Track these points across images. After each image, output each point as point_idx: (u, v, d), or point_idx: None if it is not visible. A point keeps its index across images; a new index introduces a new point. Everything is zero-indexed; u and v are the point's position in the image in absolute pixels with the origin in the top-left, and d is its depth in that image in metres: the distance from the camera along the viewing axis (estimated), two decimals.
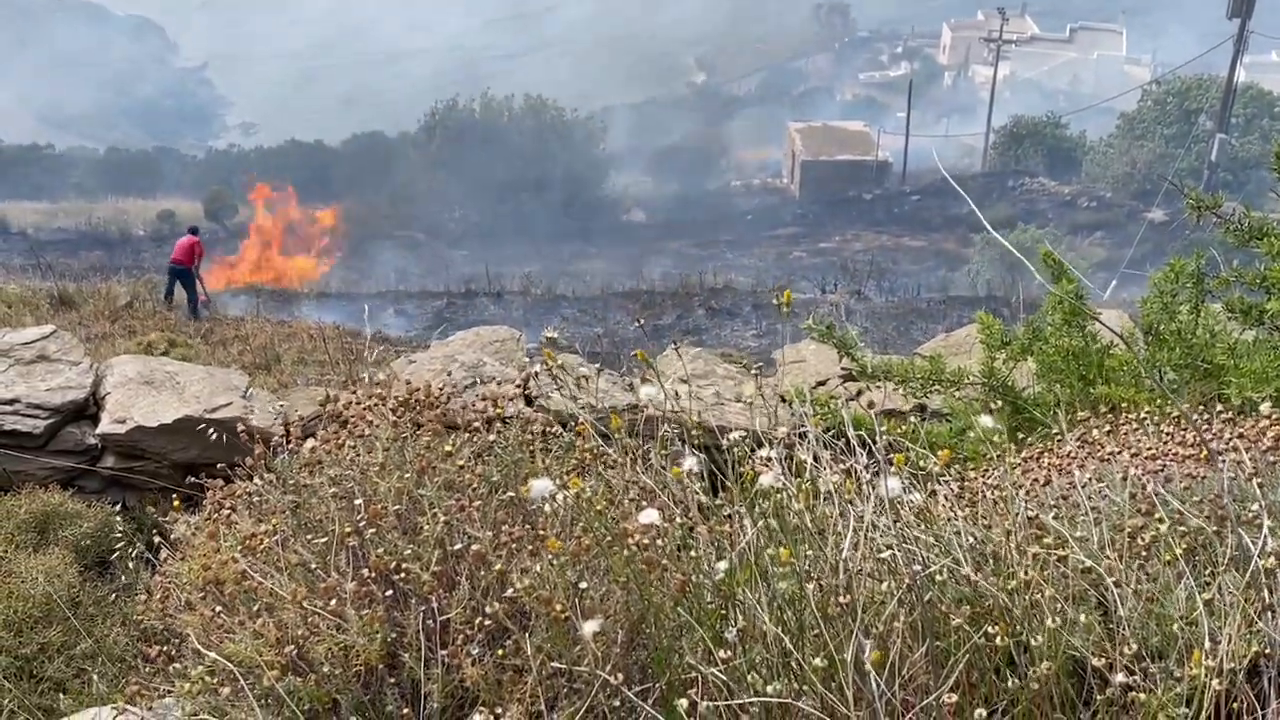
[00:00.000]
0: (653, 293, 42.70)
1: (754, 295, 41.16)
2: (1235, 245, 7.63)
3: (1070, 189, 67.39)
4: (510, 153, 63.21)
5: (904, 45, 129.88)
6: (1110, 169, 68.14)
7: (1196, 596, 3.13)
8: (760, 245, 62.66)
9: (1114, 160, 68.46)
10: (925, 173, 78.16)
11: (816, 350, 10.63)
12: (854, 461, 3.68)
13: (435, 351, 10.34)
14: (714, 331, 37.01)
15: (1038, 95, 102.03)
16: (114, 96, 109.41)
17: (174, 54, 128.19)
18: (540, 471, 3.68)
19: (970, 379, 7.94)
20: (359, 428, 4.03)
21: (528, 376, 4.54)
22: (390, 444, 3.82)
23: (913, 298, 42.92)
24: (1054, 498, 3.62)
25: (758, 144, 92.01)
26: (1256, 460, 3.58)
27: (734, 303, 40.34)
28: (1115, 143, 71.09)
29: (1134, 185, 63.39)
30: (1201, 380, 7.20)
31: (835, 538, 3.38)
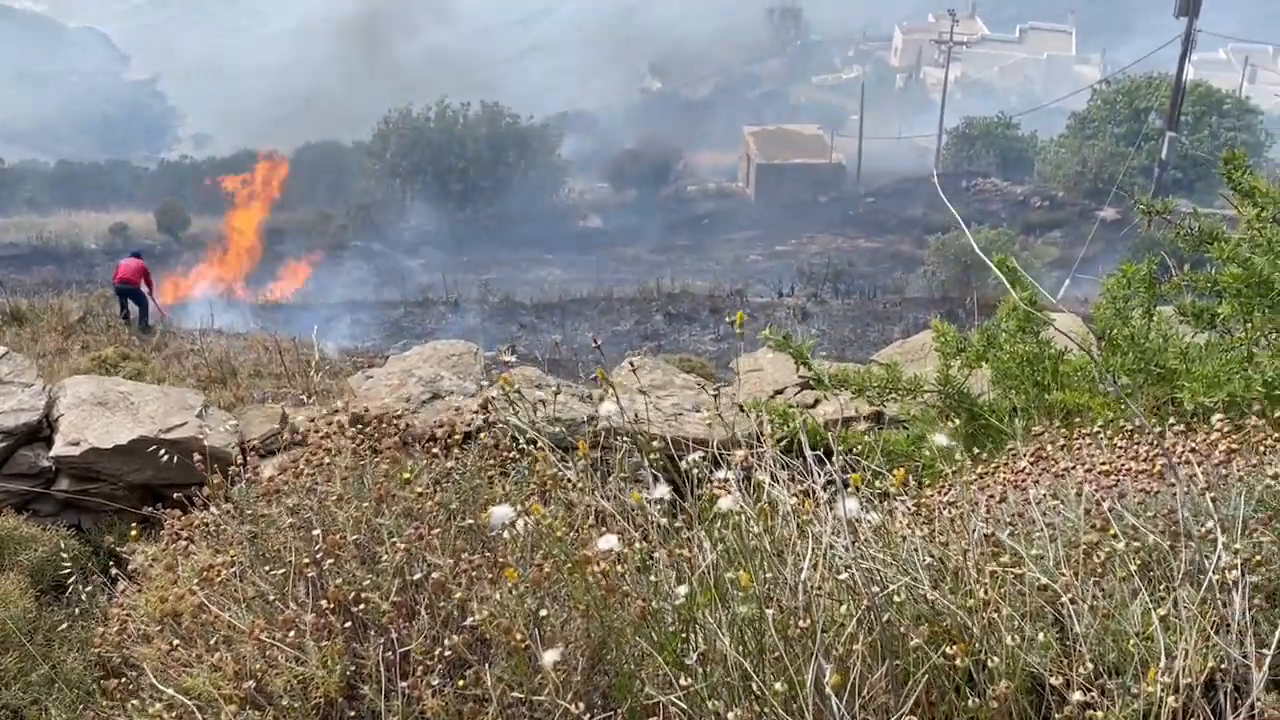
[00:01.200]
0: (611, 299, 42.68)
1: (712, 300, 41.20)
2: (1187, 250, 7.70)
3: (1023, 189, 67.83)
4: (466, 160, 63.04)
5: (856, 49, 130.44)
6: (1062, 168, 68.61)
7: (1152, 612, 3.15)
8: (717, 249, 62.74)
9: (1065, 160, 68.94)
10: (880, 174, 78.51)
11: (774, 358, 10.65)
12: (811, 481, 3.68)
13: (392, 366, 10.29)
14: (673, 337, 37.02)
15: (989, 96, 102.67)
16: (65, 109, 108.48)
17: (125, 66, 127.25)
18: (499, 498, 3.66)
19: (926, 387, 7.97)
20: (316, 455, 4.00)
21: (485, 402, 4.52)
22: (348, 473, 3.80)
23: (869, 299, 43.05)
24: (1010, 514, 3.64)
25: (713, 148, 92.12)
26: (1209, 473, 3.61)
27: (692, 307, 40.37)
28: (1066, 142, 71.59)
29: (1085, 184, 63.88)
30: (1155, 385, 7.25)
31: (794, 559, 3.38)
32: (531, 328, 39.29)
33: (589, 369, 24.88)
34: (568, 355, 33.27)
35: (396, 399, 9.35)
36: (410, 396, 9.41)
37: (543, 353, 33.12)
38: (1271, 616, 3.22)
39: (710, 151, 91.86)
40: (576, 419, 9.31)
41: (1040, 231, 59.80)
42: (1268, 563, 3.34)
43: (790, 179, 75.35)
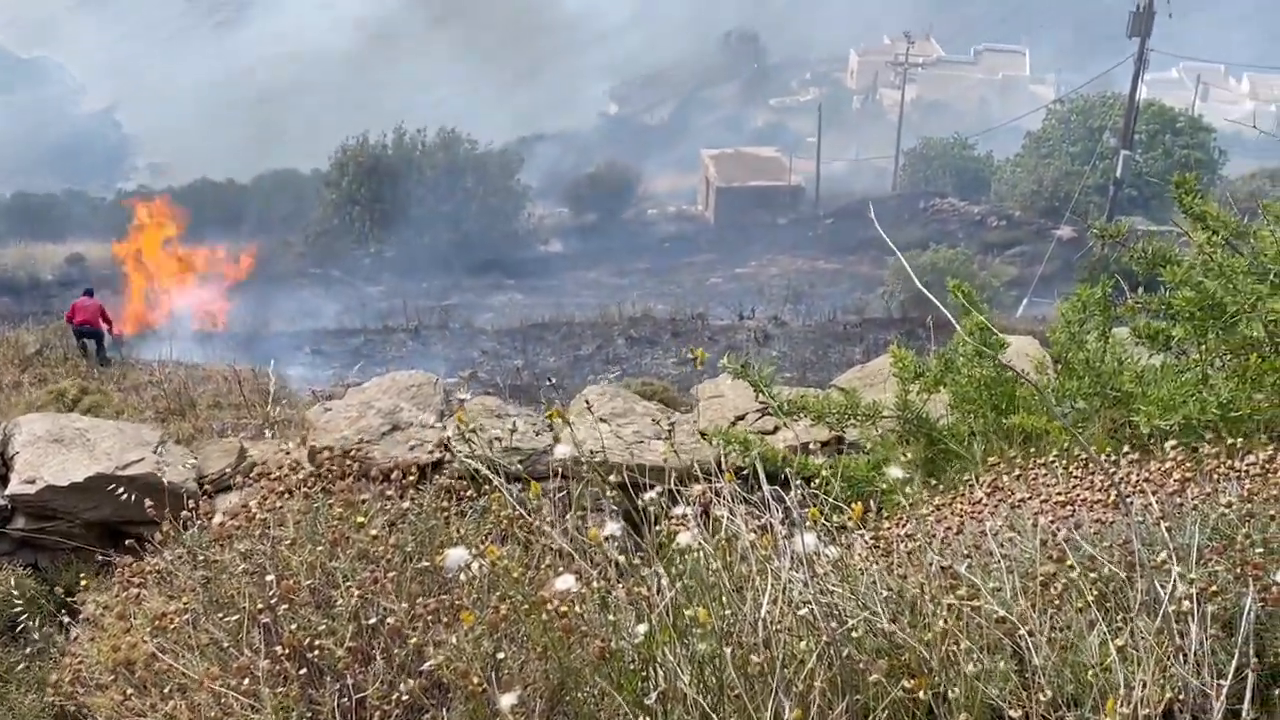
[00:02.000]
0: (572, 323, 42.63)
1: (673, 323, 41.21)
2: (1141, 273, 7.76)
3: (980, 208, 68.24)
4: (424, 187, 62.87)
5: (813, 71, 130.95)
6: (1018, 188, 69.12)
7: (1109, 643, 3.16)
8: (678, 272, 62.82)
9: (1021, 179, 69.48)
10: (838, 196, 78.81)
11: (735, 385, 10.65)
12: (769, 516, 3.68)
13: (351, 398, 10.24)
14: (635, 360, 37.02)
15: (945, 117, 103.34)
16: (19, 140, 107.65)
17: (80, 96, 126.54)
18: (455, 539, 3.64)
19: (885, 412, 8.00)
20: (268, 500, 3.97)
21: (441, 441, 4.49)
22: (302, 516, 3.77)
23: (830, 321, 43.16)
24: (967, 546, 3.64)
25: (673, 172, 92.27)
26: (1164, 503, 3.63)
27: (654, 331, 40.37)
28: (1022, 161, 72.18)
29: (1042, 203, 64.37)
30: (1112, 408, 7.30)
31: (754, 594, 3.37)
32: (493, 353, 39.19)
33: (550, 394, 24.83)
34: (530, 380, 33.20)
35: (355, 431, 9.30)
36: (369, 428, 9.36)
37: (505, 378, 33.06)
38: (1228, 645, 3.23)
39: (670, 175, 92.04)
40: (537, 449, 9.29)
41: (998, 251, 60.16)
42: (1223, 592, 3.35)
43: (749, 201, 75.55)
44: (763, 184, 78.16)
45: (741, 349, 37.36)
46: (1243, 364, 6.63)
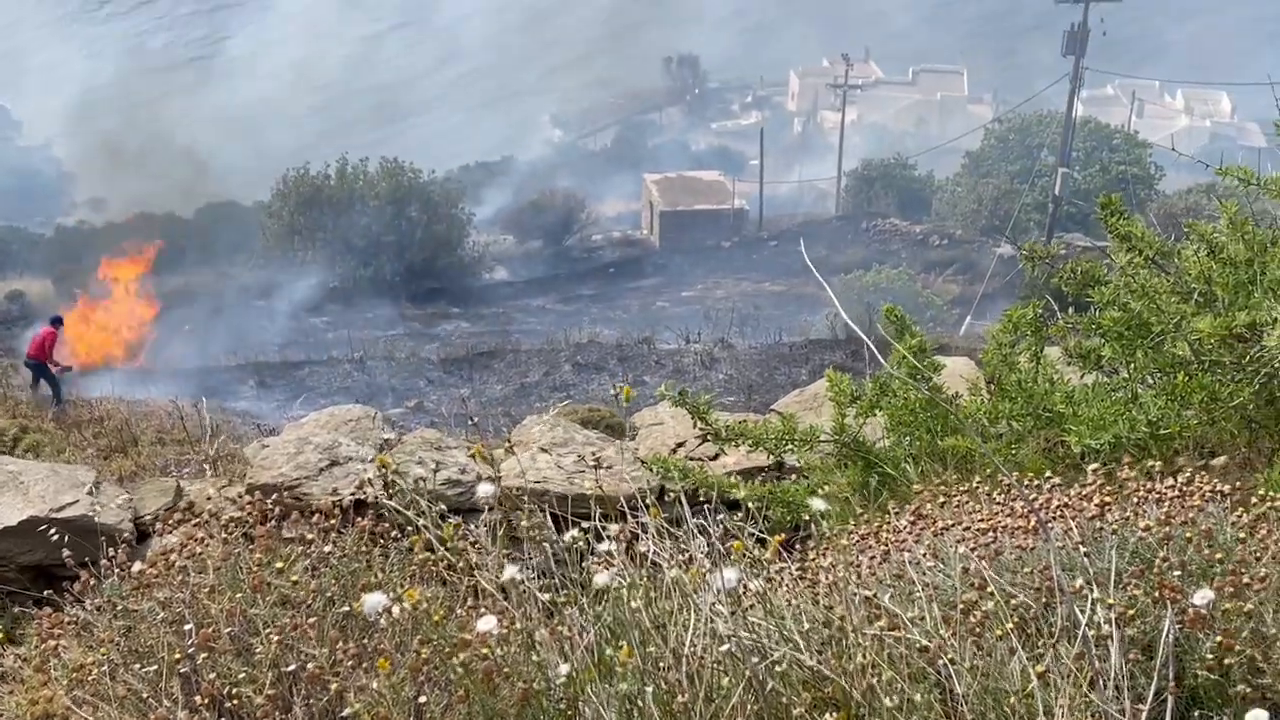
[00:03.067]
0: (519, 351, 42.61)
1: (620, 349, 41.27)
2: (1071, 294, 7.84)
3: (921, 228, 68.81)
4: (368, 216, 62.64)
5: (753, 94, 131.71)
6: (959, 207, 69.75)
7: (1030, 670, 3.17)
8: (624, 297, 62.92)
9: (962, 198, 70.13)
10: (782, 218, 79.27)
11: (675, 411, 10.65)
12: (694, 549, 3.67)
13: (288, 434, 10.16)
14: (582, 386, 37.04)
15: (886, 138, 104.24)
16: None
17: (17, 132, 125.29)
18: (378, 582, 3.61)
19: (822, 437, 8.03)
20: (188, 546, 3.92)
21: (361, 483, 4.46)
22: (221, 563, 3.73)
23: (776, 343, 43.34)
24: (891, 575, 3.65)
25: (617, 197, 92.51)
26: (1083, 527, 3.65)
27: (600, 357, 40.41)
28: (962, 181, 72.88)
29: (982, 221, 64.99)
30: (1044, 428, 7.36)
31: (677, 631, 3.37)
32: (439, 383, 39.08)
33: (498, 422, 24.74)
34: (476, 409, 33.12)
35: (293, 468, 9.22)
36: (308, 464, 9.29)
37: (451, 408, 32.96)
38: (1149, 669, 3.25)
39: (614, 200, 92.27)
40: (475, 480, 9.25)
41: (940, 269, 60.67)
42: (1142, 615, 3.38)
43: (693, 225, 75.78)
44: (706, 207, 78.42)
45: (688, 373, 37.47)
46: (1171, 382, 6.70)
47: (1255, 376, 6.51)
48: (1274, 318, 6.18)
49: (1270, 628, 3.36)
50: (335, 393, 37.19)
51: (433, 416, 32.05)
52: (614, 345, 42.01)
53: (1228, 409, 6.66)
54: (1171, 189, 67.88)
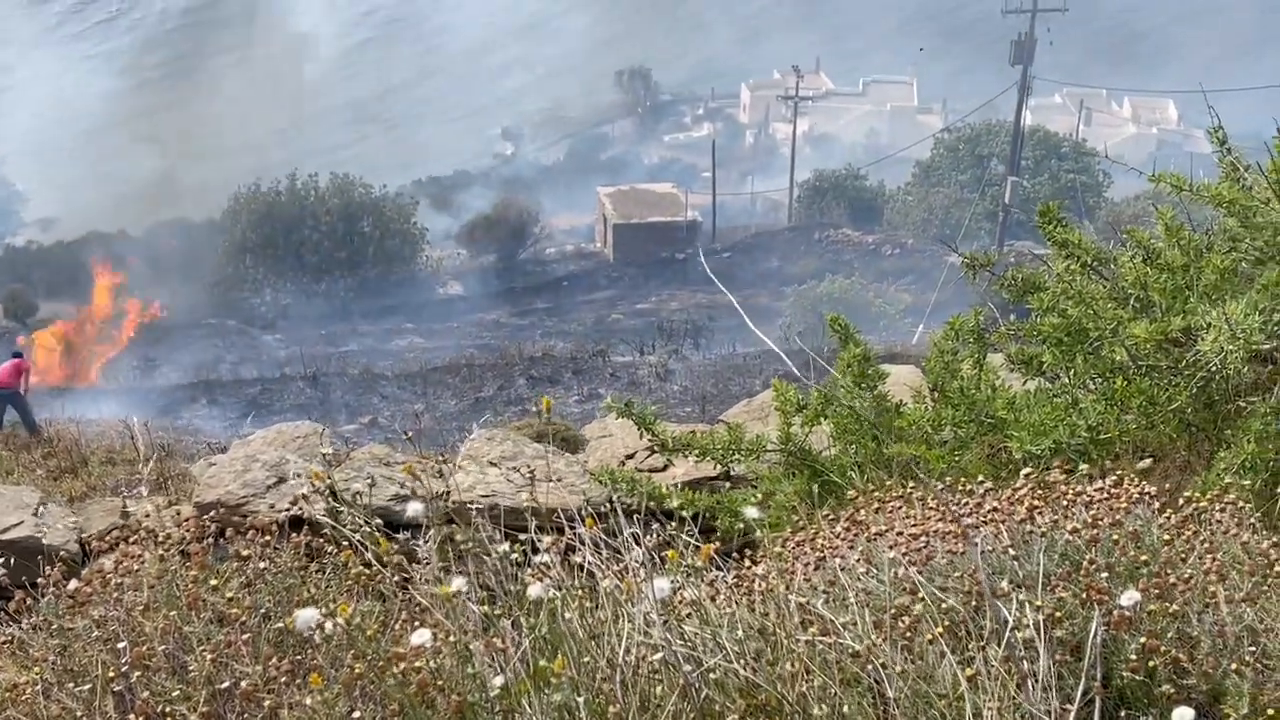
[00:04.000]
0: (473, 365, 42.54)
1: (574, 361, 41.28)
2: (1011, 301, 7.92)
3: (874, 238, 69.12)
4: (320, 233, 62.44)
5: (705, 107, 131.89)
6: (910, 216, 70.19)
7: (959, 674, 3.21)
8: (578, 310, 62.93)
9: (913, 208, 70.58)
10: (735, 230, 79.45)
11: (624, 423, 10.67)
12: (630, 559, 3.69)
13: (236, 452, 10.12)
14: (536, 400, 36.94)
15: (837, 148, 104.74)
16: None
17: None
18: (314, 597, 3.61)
19: (769, 446, 8.07)
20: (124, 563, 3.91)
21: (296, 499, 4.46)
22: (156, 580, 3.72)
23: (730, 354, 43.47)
24: (825, 581, 3.69)
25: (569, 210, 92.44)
26: (1013, 531, 3.70)
27: (555, 370, 40.40)
28: (913, 190, 73.35)
29: (933, 230, 65.34)
30: (986, 434, 7.42)
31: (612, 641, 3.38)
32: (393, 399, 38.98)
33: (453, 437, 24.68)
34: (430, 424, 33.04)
35: (241, 485, 9.19)
36: (255, 482, 9.25)
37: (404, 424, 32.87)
38: (1076, 670, 3.29)
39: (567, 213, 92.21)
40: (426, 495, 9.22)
41: (893, 279, 60.99)
42: (1070, 617, 3.42)
43: (647, 237, 75.81)
44: (660, 220, 78.46)
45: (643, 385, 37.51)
46: (1110, 387, 6.78)
47: (1191, 380, 6.59)
48: (1208, 322, 6.26)
49: (1195, 629, 3.41)
50: (288, 410, 37.03)
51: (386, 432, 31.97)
52: (568, 358, 42.01)
53: (1166, 413, 6.74)
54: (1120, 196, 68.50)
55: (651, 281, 67.17)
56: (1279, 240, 6.35)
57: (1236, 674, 3.34)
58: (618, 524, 3.81)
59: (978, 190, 64.47)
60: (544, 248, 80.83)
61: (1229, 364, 6.11)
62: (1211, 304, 6.55)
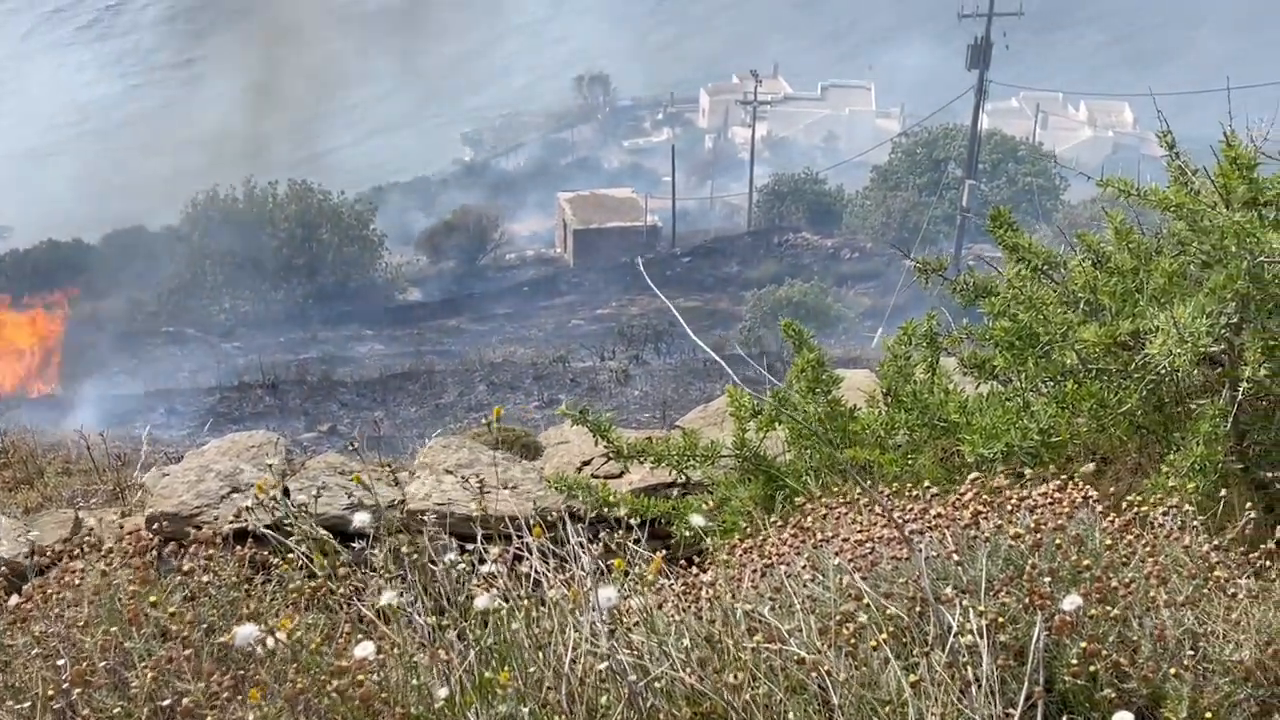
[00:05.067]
0: (433, 372, 42.42)
1: (535, 367, 41.23)
2: (963, 305, 7.95)
3: (833, 241, 69.31)
4: (278, 239, 62.16)
5: (665, 112, 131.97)
6: (868, 220, 70.43)
7: (903, 680, 3.22)
8: (539, 316, 62.83)
9: (871, 211, 70.83)
10: (695, 234, 79.56)
11: (581, 430, 10.65)
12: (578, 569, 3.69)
13: (190, 462, 10.03)
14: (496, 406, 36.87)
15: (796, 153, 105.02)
16: None
17: None
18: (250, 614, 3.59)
19: (724, 452, 8.07)
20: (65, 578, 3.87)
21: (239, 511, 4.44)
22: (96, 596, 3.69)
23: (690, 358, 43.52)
24: (771, 589, 3.69)
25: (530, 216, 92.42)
26: (957, 537, 3.71)
27: (515, 376, 40.34)
28: (871, 194, 73.61)
29: (891, 234, 65.57)
30: (939, 438, 7.45)
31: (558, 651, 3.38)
32: (353, 406, 38.83)
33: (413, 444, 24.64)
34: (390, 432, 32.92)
35: (194, 496, 9.12)
36: (209, 492, 9.19)
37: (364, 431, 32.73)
38: (1019, 675, 3.31)
39: (527, 219, 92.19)
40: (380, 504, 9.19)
41: (852, 282, 61.22)
42: (1014, 622, 3.44)
43: (607, 243, 75.84)
44: (620, 225, 78.54)
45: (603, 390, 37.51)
46: (1061, 390, 6.82)
47: (1141, 383, 6.63)
48: (1156, 326, 6.31)
49: (1136, 633, 3.43)
50: (247, 418, 36.85)
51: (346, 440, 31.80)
52: (529, 364, 41.96)
53: (1116, 415, 6.78)
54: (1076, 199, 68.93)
55: (612, 287, 67.14)
56: (1226, 244, 6.39)
57: (1176, 678, 3.37)
58: (565, 533, 3.81)
59: (936, 194, 64.79)
60: (504, 253, 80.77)
61: (1177, 367, 6.16)
62: (1160, 307, 6.60)
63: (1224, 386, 6.45)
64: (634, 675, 3.21)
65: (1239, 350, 6.22)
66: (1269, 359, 6.05)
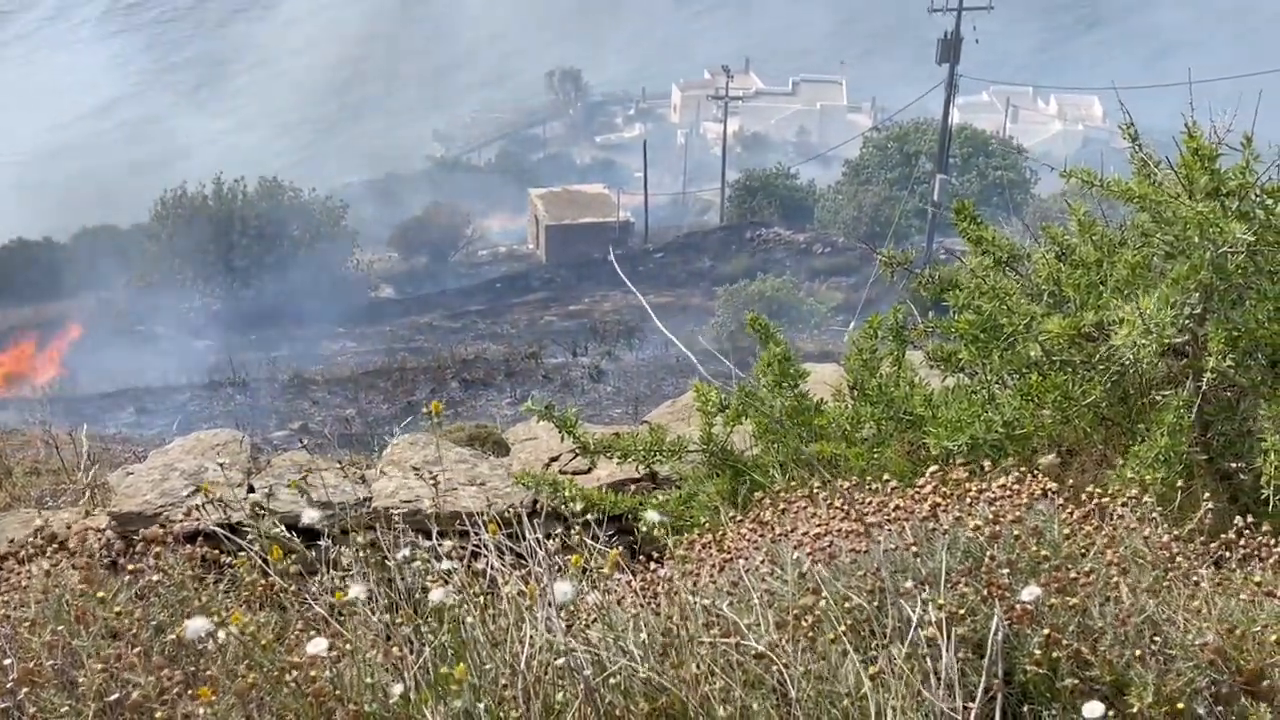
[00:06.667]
0: (405, 369, 42.33)
1: (507, 364, 41.15)
2: (929, 299, 7.95)
3: (805, 236, 69.30)
4: (248, 237, 61.82)
5: (636, 107, 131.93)
6: (840, 215, 70.43)
7: (862, 673, 3.19)
8: (511, 313, 62.70)
9: (843, 206, 70.84)
10: (667, 230, 79.56)
11: (549, 426, 10.61)
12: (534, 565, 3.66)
13: (154, 461, 9.95)
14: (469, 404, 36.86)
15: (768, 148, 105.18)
16: None
17: None
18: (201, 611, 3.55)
19: (691, 447, 8.06)
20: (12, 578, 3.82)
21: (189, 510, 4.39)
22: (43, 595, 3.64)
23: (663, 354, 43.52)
24: (729, 583, 3.67)
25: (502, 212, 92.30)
26: (916, 529, 3.70)
27: (487, 373, 40.26)
28: (843, 189, 73.65)
29: (863, 228, 65.65)
30: (905, 431, 7.45)
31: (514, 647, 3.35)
32: (325, 404, 38.72)
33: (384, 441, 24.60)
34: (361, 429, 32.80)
35: (158, 495, 9.06)
36: (172, 491, 9.12)
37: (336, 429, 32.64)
38: (979, 667, 3.29)
39: (499, 215, 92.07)
40: (347, 501, 9.14)
41: (824, 277, 61.28)
42: (973, 614, 3.42)
43: (579, 239, 75.80)
44: (592, 221, 78.50)
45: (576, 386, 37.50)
46: (1025, 383, 6.81)
47: (1105, 375, 6.63)
48: (1121, 317, 6.31)
49: (1097, 621, 3.42)
50: (217, 417, 36.69)
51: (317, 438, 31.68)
52: (501, 360, 41.87)
53: (1081, 407, 6.78)
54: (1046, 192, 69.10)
55: (584, 283, 67.09)
56: (1189, 235, 6.40)
57: (1140, 662, 3.35)
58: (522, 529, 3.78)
59: (907, 188, 64.87)
60: (476, 250, 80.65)
61: (1142, 358, 6.16)
62: (1124, 299, 6.60)
63: (1188, 377, 6.45)
64: (590, 670, 3.18)
65: (1202, 341, 6.22)
66: (1232, 349, 6.05)
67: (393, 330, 57.69)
